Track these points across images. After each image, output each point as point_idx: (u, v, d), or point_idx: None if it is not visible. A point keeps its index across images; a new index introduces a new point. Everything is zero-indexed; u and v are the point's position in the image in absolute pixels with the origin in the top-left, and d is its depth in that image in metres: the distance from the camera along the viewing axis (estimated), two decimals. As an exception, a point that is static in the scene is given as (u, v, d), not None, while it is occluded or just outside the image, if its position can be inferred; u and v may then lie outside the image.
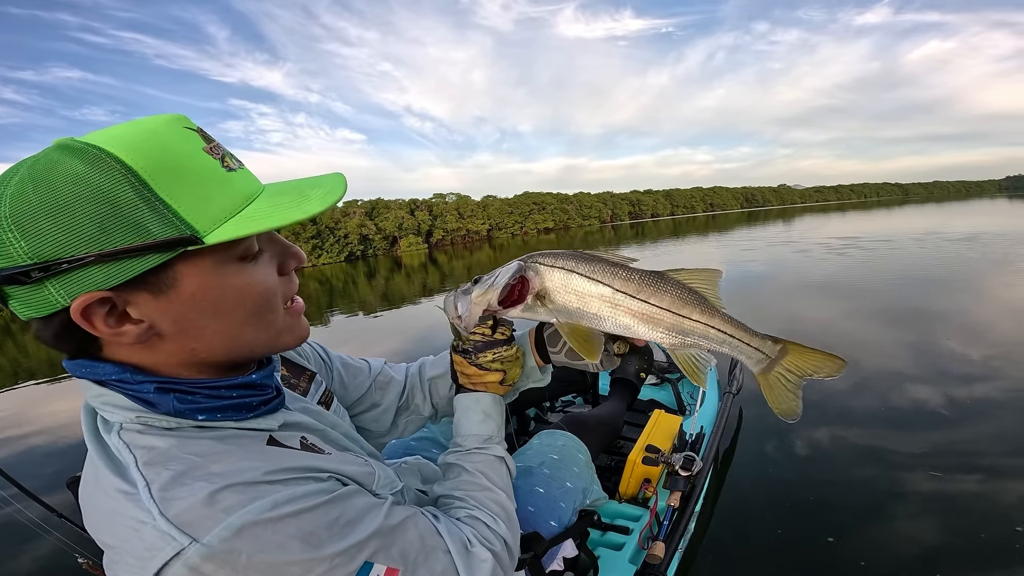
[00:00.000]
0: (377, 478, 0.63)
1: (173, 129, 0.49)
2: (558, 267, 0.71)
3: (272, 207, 0.51)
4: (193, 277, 0.49)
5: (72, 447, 3.68)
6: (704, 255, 13.79)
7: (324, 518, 0.49)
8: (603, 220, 79.44)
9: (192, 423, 0.52)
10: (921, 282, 6.47)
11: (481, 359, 0.80)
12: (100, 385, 0.51)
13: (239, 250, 0.52)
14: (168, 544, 0.43)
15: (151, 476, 0.47)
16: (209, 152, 0.51)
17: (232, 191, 0.51)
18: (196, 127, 0.52)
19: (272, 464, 0.51)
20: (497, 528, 0.69)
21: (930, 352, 3.70)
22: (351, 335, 7.87)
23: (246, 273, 0.53)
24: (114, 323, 0.48)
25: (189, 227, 0.46)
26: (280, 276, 0.59)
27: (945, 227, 14.94)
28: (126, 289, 0.46)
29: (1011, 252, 8.60)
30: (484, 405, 0.82)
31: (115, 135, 0.47)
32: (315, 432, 0.64)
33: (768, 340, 0.73)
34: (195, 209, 0.47)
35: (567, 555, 1.18)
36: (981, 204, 35.66)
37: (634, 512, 1.48)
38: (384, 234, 53.65)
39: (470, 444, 0.80)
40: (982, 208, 27.93)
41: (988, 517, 1.88)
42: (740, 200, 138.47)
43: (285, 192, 0.54)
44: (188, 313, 0.50)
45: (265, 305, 0.55)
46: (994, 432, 2.47)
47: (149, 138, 0.47)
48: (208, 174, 0.49)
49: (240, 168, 0.54)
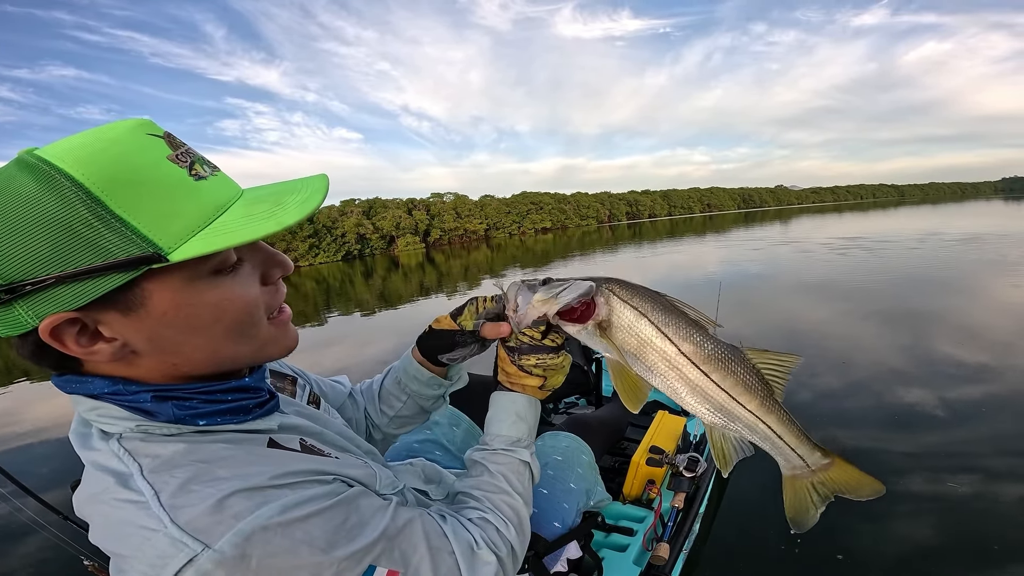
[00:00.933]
0: (378, 478, 0.62)
1: (134, 137, 0.47)
2: (631, 305, 0.66)
3: (245, 218, 0.48)
4: (163, 294, 0.47)
5: (60, 444, 3.68)
6: (709, 255, 13.80)
7: (332, 521, 0.49)
8: (600, 220, 79.54)
9: (193, 428, 0.52)
10: (925, 283, 6.51)
11: (524, 361, 0.77)
12: (92, 399, 0.51)
13: (212, 264, 0.49)
14: (180, 551, 0.43)
15: (158, 484, 0.46)
16: (175, 160, 0.48)
17: (200, 202, 0.48)
18: (162, 133, 0.49)
19: (277, 468, 0.51)
20: (507, 533, 0.68)
21: (937, 353, 3.70)
22: (347, 334, 7.85)
23: (222, 287, 0.51)
24: (86, 342, 0.47)
25: (151, 244, 0.44)
26: (264, 286, 0.56)
27: (948, 227, 15.05)
28: (94, 309, 0.45)
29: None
30: (519, 407, 0.79)
31: (70, 147, 0.44)
32: (313, 435, 0.64)
33: (818, 451, 0.68)
34: (157, 225, 0.45)
35: (571, 556, 1.18)
36: (979, 205, 35.89)
37: (638, 513, 1.48)
38: (381, 233, 53.58)
39: (498, 445, 0.78)
40: (981, 209, 28.09)
41: (995, 518, 1.87)
42: (737, 201, 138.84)
43: (262, 200, 0.51)
44: (162, 331, 0.49)
45: (245, 319, 0.53)
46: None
47: (106, 149, 0.44)
48: (172, 185, 0.46)
49: (213, 175, 0.51)
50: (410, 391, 0.92)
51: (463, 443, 1.24)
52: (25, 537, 2.42)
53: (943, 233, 13.28)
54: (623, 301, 0.66)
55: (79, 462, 0.53)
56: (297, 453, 0.57)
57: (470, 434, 1.27)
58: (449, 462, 1.15)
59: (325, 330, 8.16)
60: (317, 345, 6.62)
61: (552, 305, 0.67)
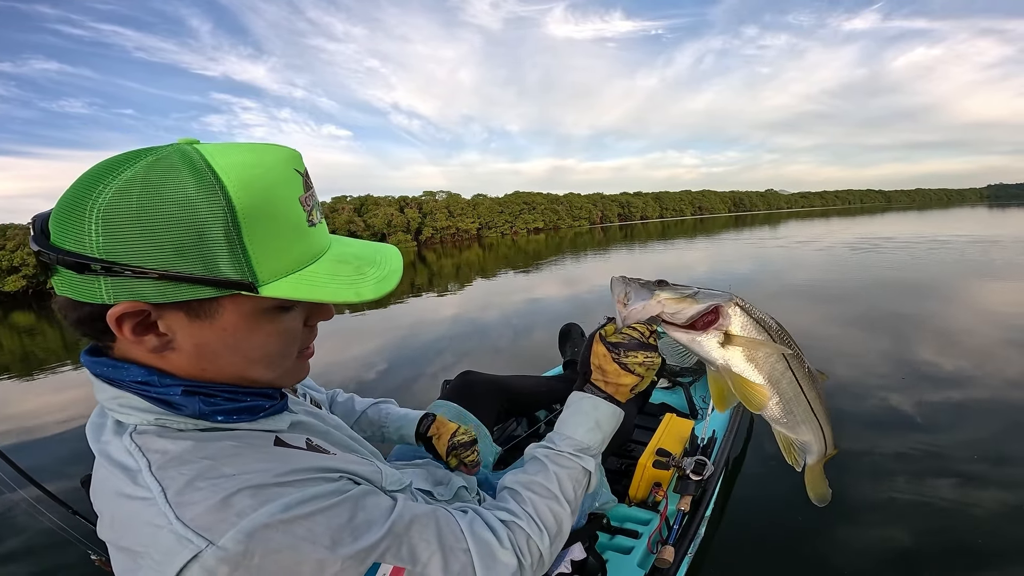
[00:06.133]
0: (384, 476, 0.62)
1: (286, 169, 0.50)
2: (761, 325, 0.69)
3: (330, 276, 0.52)
4: (233, 315, 0.50)
5: (72, 438, 3.62)
6: (706, 255, 13.89)
7: (337, 519, 0.49)
8: (593, 222, 79.82)
9: (207, 424, 0.53)
10: (929, 284, 6.61)
11: (629, 358, 0.73)
12: (115, 387, 0.52)
13: (282, 300, 0.52)
14: (185, 547, 0.43)
15: (166, 481, 0.47)
16: (303, 203, 0.51)
17: (304, 247, 0.51)
18: (303, 170, 0.53)
19: (283, 466, 0.51)
20: (540, 542, 0.65)
21: (942, 355, 3.73)
22: (334, 332, 7.77)
23: (277, 322, 0.54)
24: (141, 331, 0.48)
25: (253, 274, 0.47)
26: (304, 327, 0.59)
27: (947, 232, 15.31)
28: (167, 306, 0.47)
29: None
30: (601, 414, 0.75)
31: (237, 163, 0.46)
32: (319, 433, 0.64)
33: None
34: (265, 259, 0.48)
35: (575, 558, 1.17)
36: (972, 212, 36.48)
37: (644, 516, 1.47)
38: (373, 231, 53.34)
39: (565, 447, 0.74)
40: (977, 216, 28.57)
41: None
42: (728, 204, 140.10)
43: (347, 261, 0.55)
44: (212, 342, 0.51)
45: (282, 352, 0.56)
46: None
47: (264, 175, 0.48)
48: (292, 227, 0.50)
49: (320, 222, 0.55)
50: (386, 437, 1.07)
51: None
52: (32, 530, 2.43)
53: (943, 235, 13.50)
54: (756, 320, 0.70)
55: (87, 455, 0.54)
56: (303, 451, 0.57)
57: (477, 434, 1.25)
58: (455, 463, 1.13)
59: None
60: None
61: (687, 306, 0.68)
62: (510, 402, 1.49)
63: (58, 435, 3.88)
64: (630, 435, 1.75)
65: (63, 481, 2.39)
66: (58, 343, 9.26)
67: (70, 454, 3.41)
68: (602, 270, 12.66)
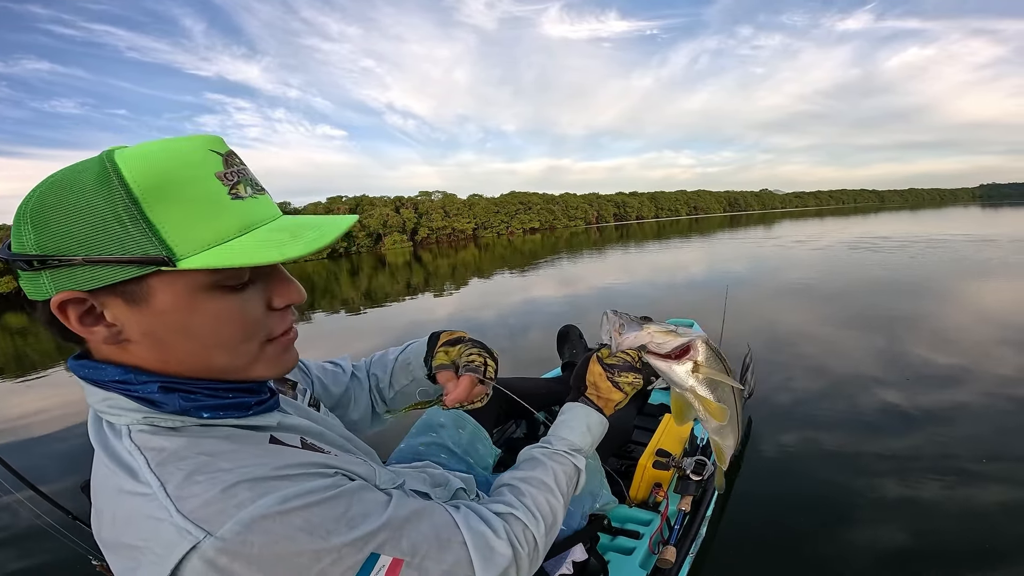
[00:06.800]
0: (378, 475, 0.64)
1: (196, 151, 0.51)
2: (719, 356, 0.84)
3: (260, 243, 0.51)
4: (166, 295, 0.50)
5: (70, 440, 3.59)
6: (703, 256, 13.92)
7: (332, 511, 0.51)
8: (588, 221, 79.93)
9: (197, 422, 0.54)
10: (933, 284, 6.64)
11: (621, 378, 0.87)
12: (102, 388, 0.53)
13: (219, 278, 0.51)
14: (184, 539, 0.45)
15: (165, 476, 0.48)
16: (221, 178, 0.51)
17: (228, 220, 0.50)
18: (225, 151, 0.53)
19: (279, 460, 0.53)
20: (535, 530, 0.69)
21: (944, 355, 3.73)
22: (332, 332, 7.77)
23: (223, 301, 0.52)
24: (90, 322, 0.50)
25: (167, 249, 0.47)
26: (271, 311, 0.57)
27: (943, 232, 15.42)
28: (103, 294, 0.49)
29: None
30: (592, 421, 0.86)
31: (139, 153, 0.49)
32: (314, 434, 0.65)
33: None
34: (178, 233, 0.48)
35: (576, 559, 1.17)
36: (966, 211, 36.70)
37: (645, 516, 1.47)
38: (368, 231, 53.26)
39: (560, 447, 0.82)
40: (971, 215, 28.77)
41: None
42: (723, 204, 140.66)
43: (285, 229, 0.54)
44: (156, 327, 0.51)
45: (238, 336, 0.55)
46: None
47: (166, 159, 0.49)
48: (206, 201, 0.50)
49: (254, 197, 0.54)
50: (415, 378, 0.97)
51: (468, 445, 1.22)
52: (33, 536, 2.40)
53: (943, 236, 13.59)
54: (711, 349, 0.84)
55: (82, 459, 0.52)
56: (298, 449, 0.58)
57: (475, 436, 1.25)
58: (455, 464, 1.14)
59: (309, 328, 8.06)
60: (300, 343, 6.47)
61: (672, 339, 0.81)
62: (509, 404, 1.49)
63: (51, 435, 3.84)
64: (630, 436, 1.75)
65: (58, 483, 2.37)
66: (51, 345, 9.19)
67: (65, 457, 3.36)
68: (598, 271, 12.67)
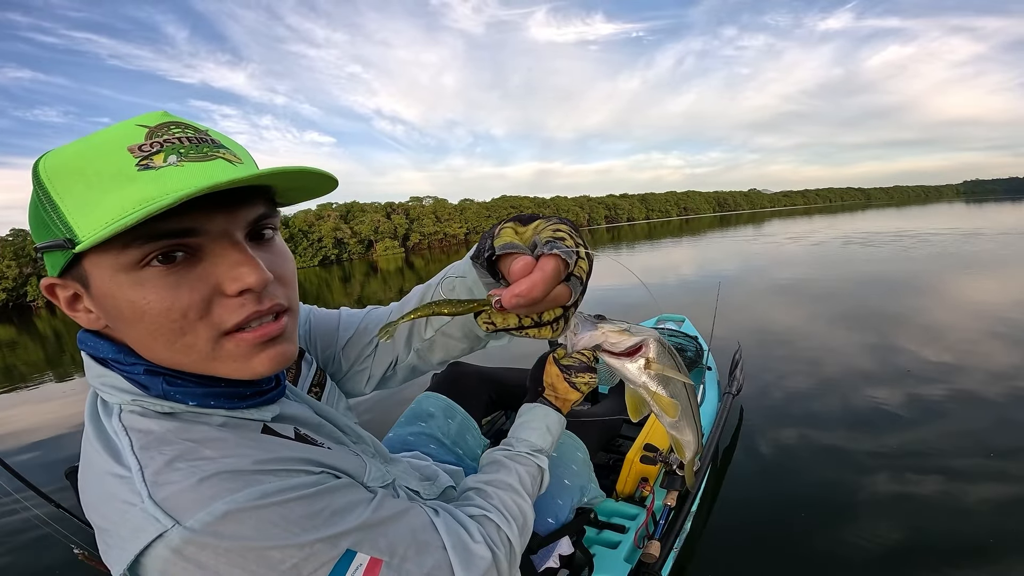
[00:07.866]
0: (368, 471, 0.63)
1: (117, 129, 0.48)
2: (669, 353, 0.86)
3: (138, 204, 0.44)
4: (96, 280, 0.48)
5: (62, 438, 3.55)
6: (703, 254, 13.98)
7: (309, 508, 0.49)
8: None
9: (186, 408, 0.52)
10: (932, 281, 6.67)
11: (578, 379, 0.90)
12: (101, 364, 0.53)
13: (132, 258, 0.45)
14: (152, 526, 0.44)
15: (145, 460, 0.47)
16: (134, 150, 0.45)
17: (135, 192, 0.43)
18: (154, 123, 0.48)
19: (265, 454, 0.51)
20: (509, 531, 0.68)
21: (943, 355, 3.72)
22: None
23: (144, 286, 0.46)
24: (77, 306, 0.51)
25: (69, 230, 0.45)
26: (226, 298, 0.49)
27: (930, 227, 15.56)
28: (70, 278, 0.50)
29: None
30: (551, 421, 0.89)
31: (65, 145, 0.50)
32: (310, 426, 0.64)
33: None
34: (80, 212, 0.44)
35: (563, 552, 1.18)
36: (951, 208, 37.00)
37: (631, 511, 1.47)
38: (360, 238, 52.99)
39: (522, 448, 0.84)
40: (956, 211, 29.04)
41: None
42: (713, 204, 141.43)
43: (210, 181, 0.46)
44: (104, 313, 0.50)
45: (169, 327, 0.48)
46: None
47: (80, 142, 0.48)
48: (109, 175, 0.44)
49: (179, 166, 0.45)
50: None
51: (457, 435, 1.23)
52: (14, 525, 2.41)
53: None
54: (663, 346, 0.88)
55: (73, 453, 0.53)
56: (290, 441, 0.57)
57: (464, 427, 1.26)
58: (444, 455, 1.14)
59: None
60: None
61: (626, 339, 0.82)
62: (498, 394, 1.50)
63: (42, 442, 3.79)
64: (618, 431, 1.76)
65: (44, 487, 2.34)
66: (39, 356, 9.08)
67: (53, 466, 3.33)
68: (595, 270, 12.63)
